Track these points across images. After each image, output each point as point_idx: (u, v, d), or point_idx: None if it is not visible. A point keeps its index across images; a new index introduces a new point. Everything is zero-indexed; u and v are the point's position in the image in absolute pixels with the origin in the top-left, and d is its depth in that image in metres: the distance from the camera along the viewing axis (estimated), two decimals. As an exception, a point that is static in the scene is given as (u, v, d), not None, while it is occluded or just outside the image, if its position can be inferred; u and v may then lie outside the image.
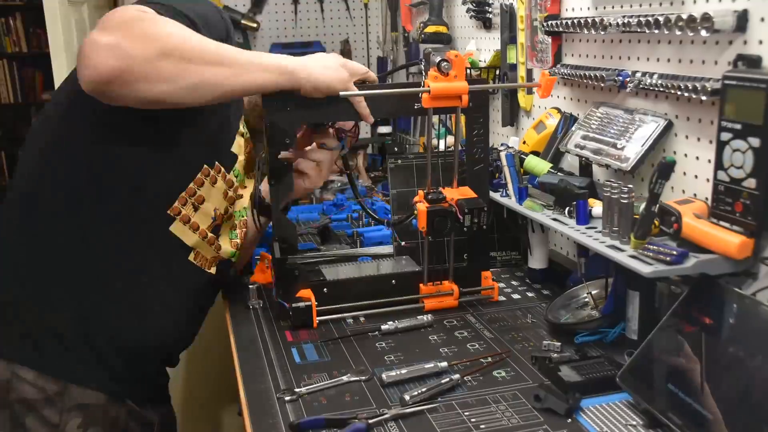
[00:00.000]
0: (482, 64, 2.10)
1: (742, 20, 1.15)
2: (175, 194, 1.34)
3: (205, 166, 1.37)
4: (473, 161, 1.54)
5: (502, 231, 1.81)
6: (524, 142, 1.76)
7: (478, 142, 1.54)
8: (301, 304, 1.44)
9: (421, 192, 1.48)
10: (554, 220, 1.42)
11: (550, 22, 1.66)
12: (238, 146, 1.47)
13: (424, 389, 1.17)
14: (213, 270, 1.48)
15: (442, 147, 2.22)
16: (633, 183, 1.38)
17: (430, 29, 2.36)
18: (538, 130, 1.73)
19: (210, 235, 1.43)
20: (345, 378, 1.25)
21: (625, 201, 1.24)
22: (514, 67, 1.92)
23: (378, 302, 1.52)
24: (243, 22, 3.03)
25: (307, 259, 1.76)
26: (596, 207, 1.36)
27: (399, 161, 1.76)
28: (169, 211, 1.34)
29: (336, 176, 2.78)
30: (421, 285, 1.54)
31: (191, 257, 1.42)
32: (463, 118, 1.58)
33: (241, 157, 1.48)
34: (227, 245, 1.50)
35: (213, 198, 1.40)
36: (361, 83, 1.46)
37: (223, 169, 1.41)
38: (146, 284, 1.37)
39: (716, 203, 1.15)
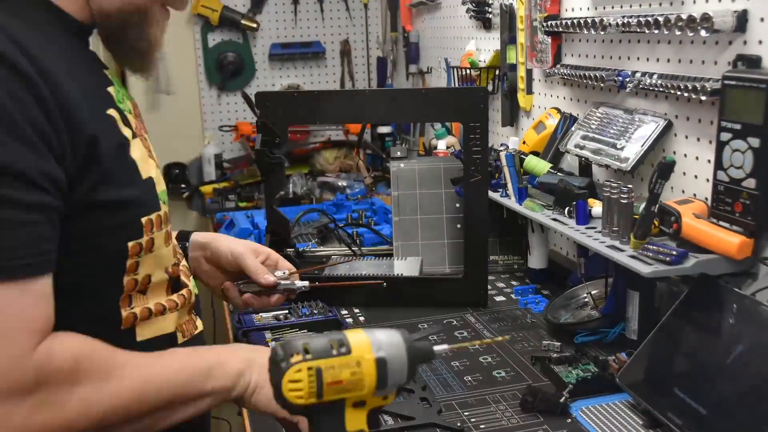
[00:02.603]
0: (482, 65, 2.10)
1: (741, 20, 1.15)
2: (115, 305, 0.92)
3: (131, 243, 0.90)
4: (470, 173, 1.50)
5: (503, 234, 1.81)
6: (524, 142, 1.76)
7: (476, 152, 1.47)
8: None
9: None
10: (554, 220, 1.42)
11: (549, 23, 1.66)
12: (144, 160, 0.94)
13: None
14: (199, 323, 1.09)
15: (442, 147, 2.24)
16: (633, 183, 1.38)
17: None
18: (537, 131, 1.73)
19: (177, 296, 1.01)
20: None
21: (625, 201, 1.24)
22: (513, 68, 1.92)
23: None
24: (243, 22, 3.04)
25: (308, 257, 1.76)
26: (596, 207, 1.36)
27: (402, 165, 1.76)
28: (123, 327, 0.92)
29: (332, 177, 2.79)
30: None
31: (180, 339, 1.01)
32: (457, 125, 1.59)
33: (154, 168, 0.97)
34: (190, 281, 1.09)
35: (156, 260, 0.95)
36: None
37: (152, 219, 0.93)
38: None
39: (716, 203, 1.15)
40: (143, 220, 0.91)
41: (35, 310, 0.78)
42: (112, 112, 0.90)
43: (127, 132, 0.91)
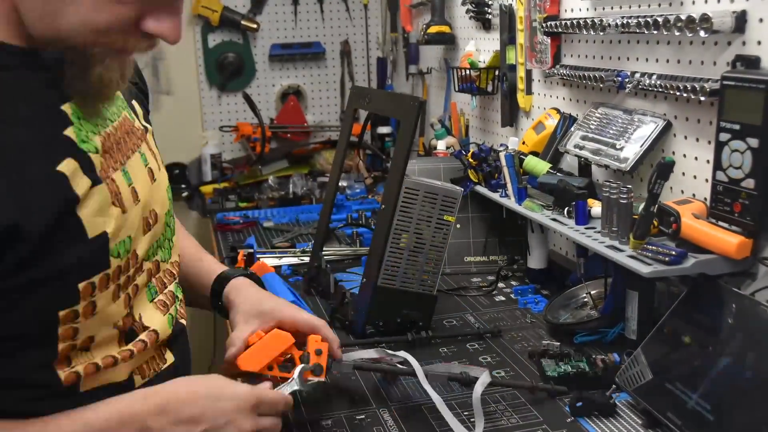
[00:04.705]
0: (481, 65, 2.10)
1: (740, 21, 1.15)
2: (50, 369, 0.81)
3: (62, 312, 0.80)
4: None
5: (503, 234, 1.81)
6: (523, 143, 1.76)
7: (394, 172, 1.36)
8: None
9: None
10: (553, 220, 1.43)
11: (549, 23, 1.66)
12: (100, 211, 0.82)
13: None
14: (168, 357, 0.97)
15: (441, 147, 2.24)
16: (632, 183, 1.38)
17: (434, 29, 2.36)
18: (537, 131, 1.73)
19: (134, 344, 0.90)
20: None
21: (624, 201, 1.24)
22: (513, 68, 1.93)
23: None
24: (243, 22, 3.04)
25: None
26: (595, 207, 1.36)
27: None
28: (63, 386, 0.82)
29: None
30: None
31: (138, 381, 0.91)
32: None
33: (114, 217, 0.84)
34: (153, 316, 0.95)
35: (100, 321, 0.84)
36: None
37: (95, 282, 0.82)
38: None
39: (715, 203, 1.16)
40: (80, 285, 0.79)
41: None
42: (66, 165, 0.77)
43: (82, 185, 0.79)
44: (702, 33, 1.17)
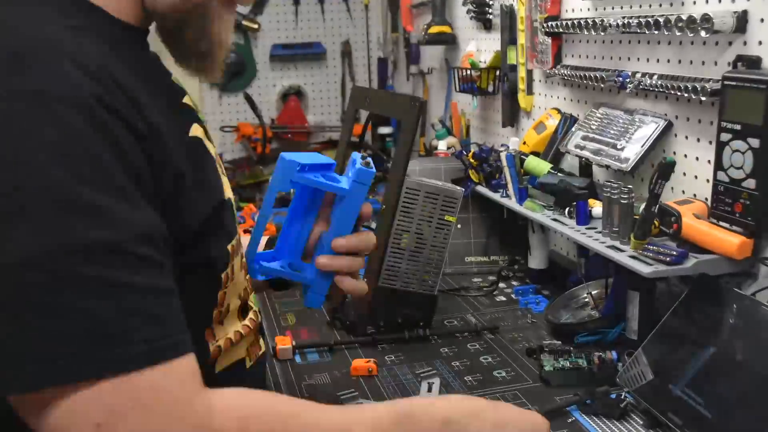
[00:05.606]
0: (482, 65, 2.10)
1: (741, 21, 1.15)
2: (203, 339, 0.81)
3: (223, 274, 0.81)
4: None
5: (503, 234, 1.81)
6: (524, 143, 1.76)
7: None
8: None
9: None
10: (554, 220, 1.43)
11: (550, 23, 1.66)
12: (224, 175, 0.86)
13: None
14: (262, 344, 0.96)
15: (442, 147, 2.24)
16: (633, 183, 1.38)
17: (434, 29, 2.36)
18: (538, 131, 1.73)
19: (249, 320, 0.91)
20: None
21: (625, 201, 1.24)
22: (514, 68, 1.93)
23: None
24: (244, 23, 3.04)
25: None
26: (596, 207, 1.36)
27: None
28: (207, 361, 0.81)
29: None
30: None
31: (248, 364, 0.90)
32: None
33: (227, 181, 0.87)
34: (252, 297, 0.96)
35: (234, 288, 0.86)
36: None
37: (234, 245, 0.83)
38: None
39: (716, 204, 1.15)
40: (228, 247, 0.81)
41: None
42: (196, 130, 0.78)
43: (211, 148, 0.81)
44: (703, 33, 1.17)
